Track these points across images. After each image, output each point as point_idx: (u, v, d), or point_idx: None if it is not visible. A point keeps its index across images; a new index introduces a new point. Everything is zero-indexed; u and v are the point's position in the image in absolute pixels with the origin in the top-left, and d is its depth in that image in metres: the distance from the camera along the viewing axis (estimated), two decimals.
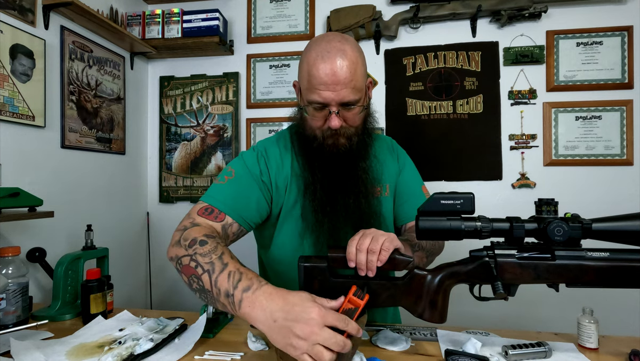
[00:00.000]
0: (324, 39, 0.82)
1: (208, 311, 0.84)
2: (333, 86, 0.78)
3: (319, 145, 0.85)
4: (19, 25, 1.24)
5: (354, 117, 0.83)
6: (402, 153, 1.04)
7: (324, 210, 0.86)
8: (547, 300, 1.67)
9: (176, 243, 0.74)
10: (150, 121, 2.01)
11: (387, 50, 1.83)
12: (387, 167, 0.98)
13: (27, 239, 1.24)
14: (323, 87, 0.78)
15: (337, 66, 0.77)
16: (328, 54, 0.78)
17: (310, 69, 0.79)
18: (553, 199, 0.66)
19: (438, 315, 0.68)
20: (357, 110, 0.83)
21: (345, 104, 0.80)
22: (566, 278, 0.65)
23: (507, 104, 1.75)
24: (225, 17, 1.85)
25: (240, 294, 0.61)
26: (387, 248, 0.66)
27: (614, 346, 0.77)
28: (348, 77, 0.78)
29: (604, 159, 1.67)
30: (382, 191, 0.95)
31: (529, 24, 1.73)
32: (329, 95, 0.78)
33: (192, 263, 0.68)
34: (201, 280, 0.66)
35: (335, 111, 0.80)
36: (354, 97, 0.80)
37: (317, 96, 0.79)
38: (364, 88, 0.83)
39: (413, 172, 1.02)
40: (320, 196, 0.86)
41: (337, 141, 0.84)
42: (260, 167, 0.89)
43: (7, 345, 0.74)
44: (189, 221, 0.78)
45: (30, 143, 1.28)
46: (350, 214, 0.87)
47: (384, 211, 0.95)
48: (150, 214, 1.98)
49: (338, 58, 0.78)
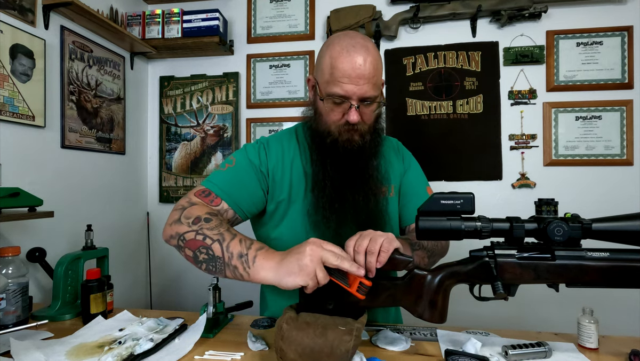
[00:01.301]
0: (348, 34, 0.84)
1: (208, 311, 0.84)
2: (356, 80, 0.79)
3: (333, 141, 0.85)
4: (19, 25, 1.24)
5: (371, 114, 0.85)
6: (408, 154, 1.04)
7: (332, 207, 0.86)
8: (547, 300, 1.67)
9: (175, 221, 0.77)
10: (150, 121, 2.01)
11: (387, 51, 1.83)
12: (392, 168, 0.98)
13: (27, 239, 1.24)
14: (347, 80, 0.79)
15: (362, 60, 0.78)
16: (353, 48, 0.79)
17: (334, 62, 0.80)
18: (553, 199, 0.66)
19: (438, 315, 0.68)
20: (374, 107, 0.84)
21: (365, 99, 0.81)
22: (566, 278, 0.65)
23: (507, 104, 1.75)
24: (225, 17, 1.85)
25: (254, 252, 0.68)
26: (386, 249, 0.66)
27: (614, 346, 0.77)
28: (371, 73, 0.79)
29: (604, 159, 1.67)
30: (387, 192, 0.95)
31: (529, 24, 1.73)
32: (352, 88, 0.79)
33: (199, 236, 0.72)
34: (211, 249, 0.71)
35: (356, 105, 0.80)
36: (374, 93, 0.81)
37: (340, 89, 0.80)
38: (381, 86, 0.85)
39: (418, 173, 1.02)
40: (329, 192, 0.86)
41: (351, 137, 0.85)
42: (260, 159, 0.91)
43: (7, 345, 0.74)
44: (186, 201, 0.82)
45: (30, 143, 1.28)
46: (359, 212, 0.87)
47: (390, 211, 0.95)
48: (150, 214, 1.98)
49: (363, 53, 0.79)
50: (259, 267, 0.67)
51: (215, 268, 0.71)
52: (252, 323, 0.91)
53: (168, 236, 0.78)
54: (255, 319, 0.93)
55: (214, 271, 0.72)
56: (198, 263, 0.73)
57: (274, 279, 0.66)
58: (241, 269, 0.68)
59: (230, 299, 1.10)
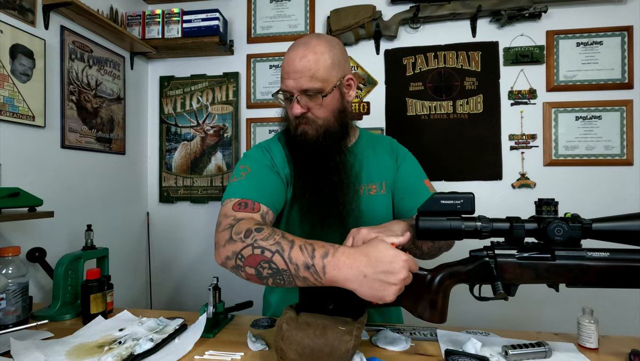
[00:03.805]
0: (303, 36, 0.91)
1: (208, 311, 0.84)
2: (293, 74, 0.84)
3: (294, 135, 0.90)
4: (19, 25, 1.24)
5: (318, 107, 0.87)
6: (402, 151, 1.04)
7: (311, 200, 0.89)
8: (547, 300, 1.67)
9: (228, 240, 0.70)
10: (150, 121, 2.01)
11: (387, 50, 1.83)
12: (384, 165, 0.98)
13: (27, 239, 1.24)
14: (286, 75, 0.86)
15: (298, 55, 0.85)
16: (293, 47, 0.88)
17: (283, 62, 0.88)
18: (553, 199, 0.66)
19: (438, 315, 0.68)
20: (319, 99, 0.86)
21: (305, 92, 0.85)
22: (566, 278, 0.65)
23: (507, 104, 1.75)
24: (225, 17, 1.85)
25: (320, 262, 0.63)
26: None
27: (614, 346, 0.77)
28: (306, 66, 0.83)
29: (604, 159, 1.67)
30: (377, 189, 0.96)
31: (529, 24, 1.73)
32: (290, 83, 0.85)
33: (257, 250, 0.66)
34: (273, 263, 0.65)
35: (295, 97, 0.85)
36: (312, 85, 0.84)
37: (283, 85, 0.87)
38: (330, 79, 0.86)
39: (413, 167, 1.01)
40: (305, 185, 0.90)
41: (304, 131, 0.88)
42: (269, 160, 0.93)
43: (7, 345, 0.74)
44: (230, 219, 0.75)
45: (30, 143, 1.28)
46: (338, 205, 0.89)
47: (378, 208, 0.95)
48: (150, 214, 1.98)
49: (300, 49, 0.85)
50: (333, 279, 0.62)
51: (283, 280, 0.66)
52: (252, 323, 0.91)
53: (224, 258, 0.70)
54: (255, 319, 0.93)
55: (284, 284, 0.67)
56: (263, 279, 0.67)
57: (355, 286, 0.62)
58: (312, 279, 0.64)
59: (230, 299, 1.10)
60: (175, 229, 1.96)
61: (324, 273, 0.62)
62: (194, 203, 1.94)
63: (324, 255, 0.63)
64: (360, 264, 0.62)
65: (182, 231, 1.95)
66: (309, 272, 0.63)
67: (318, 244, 0.65)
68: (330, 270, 0.62)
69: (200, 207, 1.94)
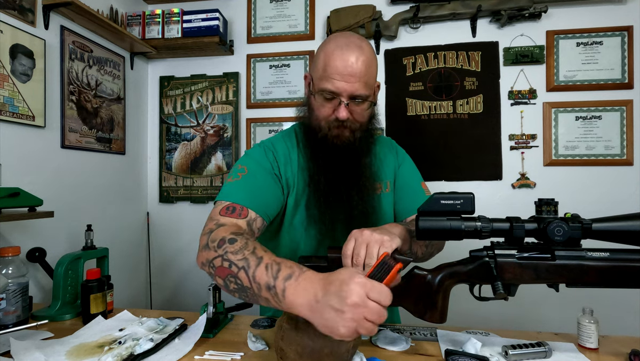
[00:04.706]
0: (344, 34, 0.86)
1: (208, 311, 0.84)
2: (347, 77, 0.80)
3: (323, 136, 0.86)
4: (19, 25, 1.24)
5: (362, 112, 0.85)
6: (401, 150, 1.06)
7: (327, 201, 0.87)
8: (547, 300, 1.67)
9: (204, 246, 0.70)
10: (150, 121, 2.01)
11: (387, 51, 1.83)
12: (387, 164, 0.99)
13: (27, 239, 1.24)
14: (338, 76, 0.81)
15: (354, 59, 0.80)
16: (347, 47, 0.81)
17: (328, 59, 0.82)
18: (553, 199, 0.66)
19: (438, 315, 0.68)
20: (365, 106, 0.85)
21: (355, 97, 0.82)
22: (566, 278, 0.65)
23: (507, 104, 1.75)
24: (225, 17, 1.85)
25: (282, 284, 0.57)
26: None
27: (614, 346, 0.77)
28: (363, 72, 0.81)
29: (604, 159, 1.67)
30: (382, 188, 0.97)
31: (529, 24, 1.73)
32: (342, 85, 0.81)
33: (225, 263, 0.64)
34: (239, 278, 0.62)
35: (345, 102, 0.82)
36: (364, 92, 0.82)
37: (331, 85, 0.81)
38: (373, 87, 0.87)
39: (412, 169, 1.03)
40: (323, 187, 0.87)
41: (341, 133, 0.86)
42: (269, 161, 0.90)
43: (7, 345, 0.74)
44: (213, 223, 0.75)
45: (30, 143, 1.28)
46: (352, 207, 0.88)
47: (384, 207, 0.96)
48: (150, 214, 1.98)
49: (356, 52, 0.81)
50: (289, 304, 0.57)
51: (247, 297, 0.64)
52: (252, 323, 0.91)
53: (200, 263, 0.71)
54: (255, 319, 0.93)
55: (248, 300, 0.65)
56: (230, 292, 0.66)
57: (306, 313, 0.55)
58: (273, 302, 0.59)
59: (230, 299, 1.10)
60: (175, 229, 1.96)
61: (284, 296, 0.57)
62: (194, 203, 1.94)
63: (287, 277, 0.58)
64: (317, 288, 0.54)
65: (182, 231, 1.95)
66: (270, 293, 0.59)
67: (286, 264, 0.60)
68: (289, 295, 0.56)
69: (200, 207, 1.94)
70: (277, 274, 0.59)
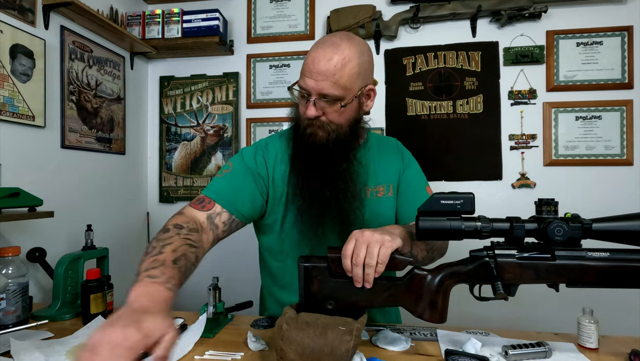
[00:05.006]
0: (333, 34, 0.86)
1: (208, 311, 0.85)
2: (315, 75, 0.79)
3: (302, 134, 0.87)
4: (19, 25, 1.24)
5: (335, 113, 0.83)
6: (407, 153, 1.04)
7: (306, 200, 0.87)
8: (547, 300, 1.67)
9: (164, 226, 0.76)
10: (150, 121, 2.01)
11: (387, 50, 1.83)
12: (391, 167, 0.97)
13: (27, 239, 1.24)
14: (308, 73, 0.81)
15: (325, 56, 0.79)
16: (322, 44, 0.81)
17: (307, 56, 0.83)
18: (553, 199, 0.66)
19: (438, 315, 0.68)
20: (337, 107, 0.82)
21: (324, 96, 0.81)
22: (566, 278, 0.65)
23: (507, 104, 1.75)
24: (225, 17, 1.85)
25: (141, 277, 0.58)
26: (383, 261, 0.65)
27: (614, 346, 0.77)
28: (331, 70, 0.78)
29: (604, 159, 1.67)
30: (385, 191, 0.95)
31: (529, 24, 1.73)
32: (310, 83, 0.80)
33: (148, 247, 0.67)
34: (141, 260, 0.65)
35: (313, 100, 0.81)
36: (333, 91, 0.80)
37: (302, 82, 0.82)
38: (352, 88, 0.82)
39: (417, 172, 1.01)
40: (302, 184, 0.88)
41: (314, 132, 0.85)
42: (257, 161, 0.91)
43: (7, 345, 0.74)
44: (179, 210, 0.82)
45: (30, 143, 1.28)
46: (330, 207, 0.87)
47: (384, 210, 0.95)
48: (150, 214, 1.98)
49: (329, 50, 0.79)
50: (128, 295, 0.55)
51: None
52: (252, 323, 0.91)
53: None
54: (255, 319, 0.93)
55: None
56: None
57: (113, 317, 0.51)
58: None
59: (230, 299, 1.10)
60: None
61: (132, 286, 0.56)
62: None
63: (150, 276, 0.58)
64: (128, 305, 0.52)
65: None
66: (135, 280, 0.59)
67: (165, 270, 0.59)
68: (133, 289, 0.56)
69: None
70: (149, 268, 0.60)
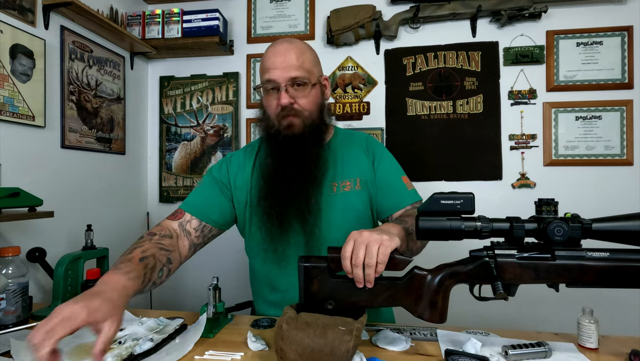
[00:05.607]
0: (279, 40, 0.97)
1: (208, 311, 0.84)
2: (280, 64, 0.89)
3: (276, 131, 0.93)
4: (19, 25, 1.24)
5: (304, 98, 0.91)
6: (379, 148, 1.05)
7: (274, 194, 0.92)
8: (547, 300, 1.67)
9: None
10: (150, 121, 2.01)
11: (387, 50, 1.83)
12: (359, 162, 1.00)
13: (27, 239, 1.24)
14: (272, 66, 0.90)
15: (284, 49, 0.90)
16: (277, 43, 0.93)
17: (264, 58, 0.94)
18: (553, 199, 0.66)
19: (438, 315, 0.68)
20: (307, 89, 0.91)
21: (293, 80, 0.89)
22: (566, 278, 0.65)
23: (507, 104, 1.75)
24: (225, 17, 1.85)
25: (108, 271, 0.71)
26: (382, 261, 0.65)
27: (614, 346, 0.77)
28: (294, 58, 0.89)
29: (604, 159, 1.67)
30: (352, 185, 0.97)
31: (529, 24, 1.73)
32: (278, 72, 0.89)
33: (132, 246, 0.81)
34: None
35: (284, 87, 0.89)
36: (300, 74, 0.89)
37: (268, 76, 0.90)
38: (313, 72, 0.93)
39: (391, 165, 1.03)
40: (272, 180, 0.92)
41: (291, 122, 0.91)
42: (221, 172, 1.02)
43: (7, 345, 0.75)
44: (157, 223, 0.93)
45: (30, 143, 1.28)
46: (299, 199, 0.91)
47: (351, 205, 0.96)
48: (150, 214, 1.98)
49: (284, 44, 0.92)
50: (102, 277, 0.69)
51: None
52: (252, 323, 0.91)
53: None
54: (255, 319, 0.93)
55: None
56: None
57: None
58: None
59: (230, 299, 1.10)
60: None
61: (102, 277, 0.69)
62: None
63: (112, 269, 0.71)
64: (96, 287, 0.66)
65: None
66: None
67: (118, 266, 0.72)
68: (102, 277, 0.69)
69: None
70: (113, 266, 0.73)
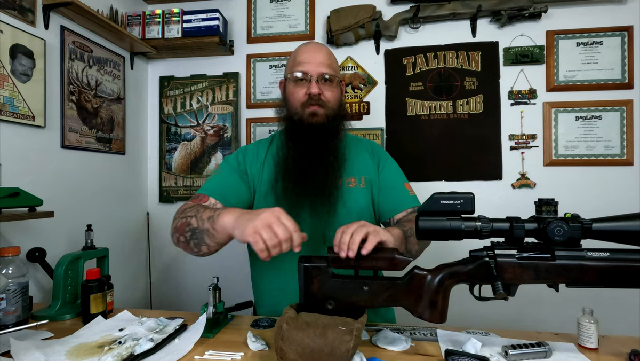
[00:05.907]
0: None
1: (208, 311, 0.85)
2: (314, 60, 0.98)
3: (299, 119, 0.98)
4: (19, 25, 1.24)
5: (330, 92, 0.99)
6: (384, 154, 1.12)
7: (294, 178, 0.97)
8: (547, 300, 1.67)
9: (173, 221, 0.93)
10: (150, 121, 2.01)
11: (387, 50, 1.83)
12: (364, 162, 1.06)
13: (27, 239, 1.24)
14: (305, 60, 0.99)
15: (317, 48, 1.02)
16: (310, 44, 1.05)
17: (296, 54, 1.03)
18: (553, 199, 0.66)
19: (438, 315, 0.68)
20: (333, 85, 1.00)
21: (323, 75, 0.98)
22: (566, 278, 0.65)
23: (507, 104, 1.75)
24: (225, 17, 1.85)
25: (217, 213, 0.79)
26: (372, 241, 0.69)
27: (614, 346, 0.77)
28: (325, 57, 1.00)
29: (604, 159, 1.67)
30: (357, 182, 1.03)
31: (529, 24, 1.73)
32: (310, 67, 0.98)
33: (183, 220, 0.87)
34: (190, 224, 0.84)
35: (315, 79, 0.97)
36: (330, 71, 0.99)
37: (300, 68, 0.99)
38: (337, 73, 1.03)
39: (395, 171, 1.09)
40: (289, 164, 0.98)
41: (316, 111, 0.98)
42: (238, 160, 1.07)
43: (7, 345, 0.74)
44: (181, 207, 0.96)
45: (30, 143, 1.28)
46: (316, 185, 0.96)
47: (356, 200, 1.01)
48: (150, 214, 1.98)
49: (317, 45, 1.04)
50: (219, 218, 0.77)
51: (197, 239, 0.83)
52: (252, 323, 0.91)
53: (171, 236, 0.92)
54: (255, 319, 0.93)
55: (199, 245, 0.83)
56: (188, 242, 0.85)
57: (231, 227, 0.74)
58: (210, 228, 0.79)
59: (230, 299, 1.10)
60: None
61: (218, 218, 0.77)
62: None
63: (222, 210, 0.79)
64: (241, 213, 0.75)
65: None
66: (210, 222, 0.79)
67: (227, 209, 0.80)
68: (221, 217, 0.77)
69: None
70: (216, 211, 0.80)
